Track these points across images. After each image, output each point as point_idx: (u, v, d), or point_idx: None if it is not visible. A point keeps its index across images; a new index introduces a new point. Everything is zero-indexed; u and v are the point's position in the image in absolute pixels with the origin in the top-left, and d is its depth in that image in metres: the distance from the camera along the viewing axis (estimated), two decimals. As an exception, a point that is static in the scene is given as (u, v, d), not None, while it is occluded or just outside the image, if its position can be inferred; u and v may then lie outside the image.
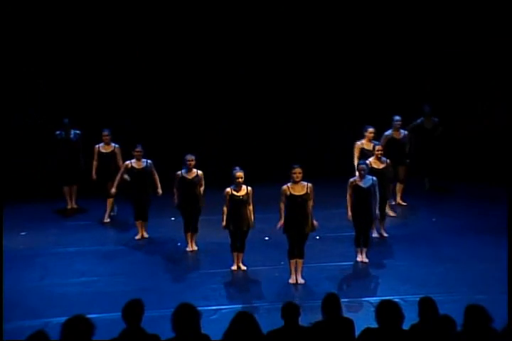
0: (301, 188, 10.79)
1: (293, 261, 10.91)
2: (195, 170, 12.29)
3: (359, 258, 11.70)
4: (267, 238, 12.69)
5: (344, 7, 16.93)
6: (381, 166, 12.61)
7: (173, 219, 13.38)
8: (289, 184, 10.83)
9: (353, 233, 11.73)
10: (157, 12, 16.48)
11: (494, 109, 16.73)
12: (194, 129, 16.78)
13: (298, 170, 10.77)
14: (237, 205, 11.24)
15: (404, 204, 14.79)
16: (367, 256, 11.72)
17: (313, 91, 17.25)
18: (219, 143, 16.86)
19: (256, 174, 14.67)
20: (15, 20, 15.76)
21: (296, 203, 10.75)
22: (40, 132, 15.75)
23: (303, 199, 10.74)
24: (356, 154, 13.50)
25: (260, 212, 11.91)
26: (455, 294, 10.03)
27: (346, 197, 11.58)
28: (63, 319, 5.96)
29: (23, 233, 13.52)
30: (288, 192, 10.77)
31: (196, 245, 12.45)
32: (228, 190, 11.25)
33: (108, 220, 14.10)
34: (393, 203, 14.49)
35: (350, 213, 11.58)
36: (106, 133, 14.03)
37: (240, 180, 11.21)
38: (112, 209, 14.19)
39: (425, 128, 15.38)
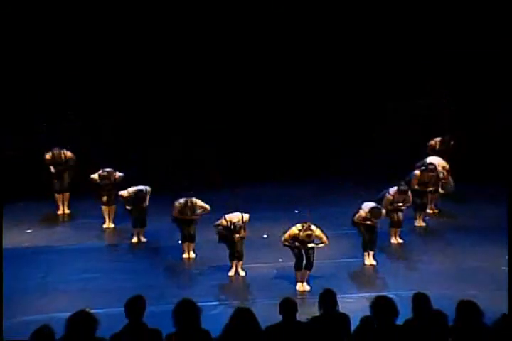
0: None
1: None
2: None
3: (367, 262, 11.74)
4: (265, 236, 12.79)
5: (344, 8, 16.93)
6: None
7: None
8: None
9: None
10: (156, 13, 16.37)
11: (494, 109, 16.77)
12: (193, 130, 16.84)
13: None
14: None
15: (430, 211, 14.32)
16: (374, 259, 11.78)
17: (312, 91, 17.23)
18: (218, 143, 16.89)
19: (255, 174, 14.83)
20: (15, 20, 15.78)
21: None
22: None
23: None
24: None
25: (259, 211, 12.02)
26: (449, 290, 10.09)
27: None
28: (67, 315, 6.04)
29: (28, 230, 13.61)
30: None
31: (194, 252, 12.19)
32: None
33: (112, 225, 13.74)
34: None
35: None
36: None
37: None
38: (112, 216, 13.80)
39: None
